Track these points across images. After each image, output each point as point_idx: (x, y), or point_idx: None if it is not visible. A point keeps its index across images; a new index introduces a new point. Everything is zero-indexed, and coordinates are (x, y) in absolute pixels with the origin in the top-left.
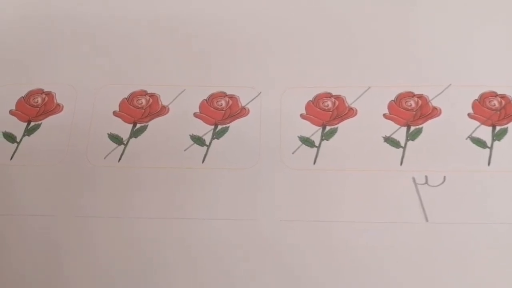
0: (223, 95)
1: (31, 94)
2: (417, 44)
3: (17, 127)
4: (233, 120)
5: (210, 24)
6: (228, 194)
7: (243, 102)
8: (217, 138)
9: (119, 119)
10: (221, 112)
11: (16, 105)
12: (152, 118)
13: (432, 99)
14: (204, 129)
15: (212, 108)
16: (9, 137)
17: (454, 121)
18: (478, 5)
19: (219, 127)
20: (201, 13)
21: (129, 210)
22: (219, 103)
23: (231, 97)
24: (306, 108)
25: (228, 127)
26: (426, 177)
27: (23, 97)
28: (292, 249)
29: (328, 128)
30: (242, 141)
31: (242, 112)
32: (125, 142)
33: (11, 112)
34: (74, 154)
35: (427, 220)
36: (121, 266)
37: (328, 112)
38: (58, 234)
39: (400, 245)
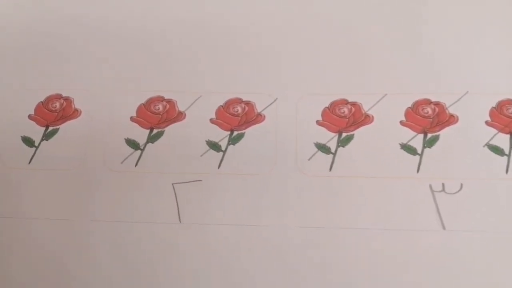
0: (239, 101)
1: (49, 99)
2: (434, 51)
3: (36, 132)
4: (249, 126)
5: (227, 31)
6: (244, 200)
7: (259, 108)
8: (233, 144)
9: (136, 125)
10: (237, 118)
11: (35, 110)
12: (169, 124)
13: (449, 106)
14: (220, 135)
15: (228, 114)
16: (28, 142)
17: (471, 128)
18: (495, 14)
19: (235, 133)
20: (217, 20)
21: (146, 215)
22: (235, 109)
23: (247, 103)
24: (322, 115)
25: (244, 133)
26: (443, 184)
27: (41, 102)
28: (309, 255)
29: (344, 134)
30: (258, 147)
31: (258, 118)
32: (142, 147)
33: (29, 117)
34: (91, 159)
35: (444, 227)
36: (137, 270)
37: (345, 119)
38: (76, 238)
39: (417, 252)
